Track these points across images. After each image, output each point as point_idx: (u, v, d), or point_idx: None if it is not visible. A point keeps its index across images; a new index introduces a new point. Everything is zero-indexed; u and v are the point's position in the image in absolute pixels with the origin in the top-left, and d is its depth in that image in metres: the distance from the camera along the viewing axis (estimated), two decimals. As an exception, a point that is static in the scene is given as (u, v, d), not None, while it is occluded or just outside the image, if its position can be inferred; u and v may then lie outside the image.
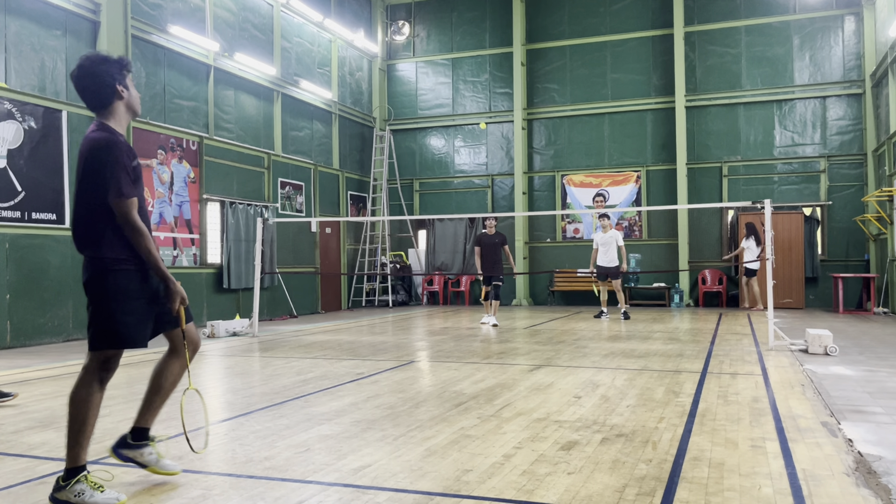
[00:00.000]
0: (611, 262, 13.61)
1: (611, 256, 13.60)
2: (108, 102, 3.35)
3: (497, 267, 12.52)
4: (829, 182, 16.52)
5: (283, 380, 6.75)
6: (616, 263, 13.61)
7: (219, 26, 14.00)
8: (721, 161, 17.30)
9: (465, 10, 19.55)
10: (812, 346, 8.25)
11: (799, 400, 5.50)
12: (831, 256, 16.47)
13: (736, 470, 3.67)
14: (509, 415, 5.05)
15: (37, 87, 10.42)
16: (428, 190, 19.88)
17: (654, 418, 4.89)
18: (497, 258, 12.54)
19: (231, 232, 13.95)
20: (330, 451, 4.14)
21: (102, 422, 4.98)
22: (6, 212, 9.80)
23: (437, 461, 3.88)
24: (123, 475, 3.69)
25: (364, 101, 19.51)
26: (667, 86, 17.69)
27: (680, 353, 8.36)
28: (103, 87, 3.33)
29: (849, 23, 16.41)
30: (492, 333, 11.13)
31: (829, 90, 16.54)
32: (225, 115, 14.16)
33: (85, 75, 3.32)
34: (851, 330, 11.07)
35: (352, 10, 18.89)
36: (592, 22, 18.46)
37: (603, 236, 13.70)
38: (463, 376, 6.82)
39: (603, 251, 13.64)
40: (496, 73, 19.27)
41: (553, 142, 18.87)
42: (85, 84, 3.33)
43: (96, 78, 3.32)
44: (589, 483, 3.47)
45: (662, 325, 12.31)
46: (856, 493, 3.31)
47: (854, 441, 4.24)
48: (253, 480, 3.60)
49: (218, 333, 11.01)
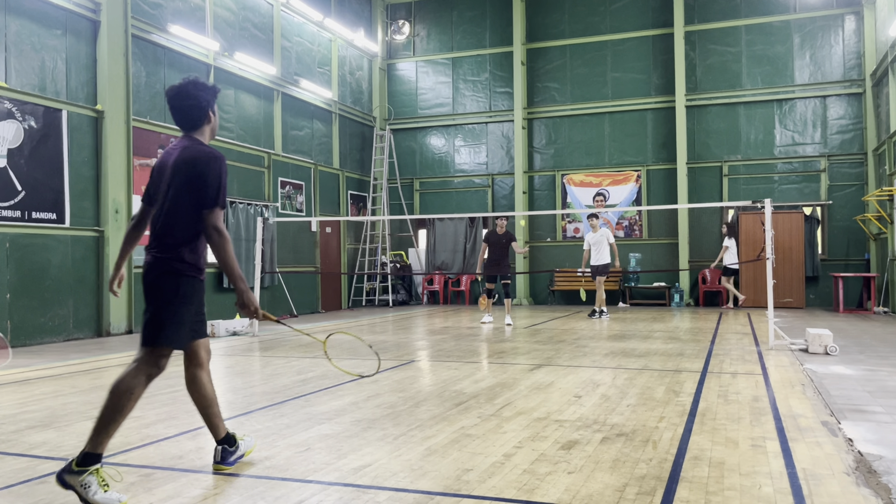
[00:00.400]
0: (603, 261, 13.63)
1: (603, 255, 13.60)
2: (199, 124, 3.63)
3: (504, 266, 12.64)
4: (830, 181, 16.52)
5: (283, 379, 6.75)
6: (608, 261, 13.64)
7: (219, 26, 13.99)
8: (721, 160, 17.30)
9: (466, 9, 19.55)
10: (812, 345, 8.25)
11: (799, 399, 5.50)
12: (831, 256, 16.47)
13: (736, 469, 3.67)
14: (510, 414, 5.05)
15: (37, 86, 10.42)
16: (428, 189, 19.88)
17: (654, 417, 4.89)
18: (504, 257, 12.64)
19: (231, 231, 13.95)
20: (330, 450, 4.14)
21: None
22: (6, 211, 9.80)
23: (437, 460, 3.88)
24: (124, 475, 3.68)
25: (364, 101, 19.51)
26: (667, 85, 17.69)
27: (680, 353, 8.36)
28: (199, 109, 3.60)
29: (849, 22, 16.40)
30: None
31: (829, 89, 16.54)
32: (225, 115, 14.15)
33: (185, 97, 3.57)
34: (852, 329, 11.06)
35: (352, 10, 18.89)
36: (593, 21, 18.45)
37: (594, 236, 13.69)
38: (463, 375, 6.82)
39: (595, 251, 13.63)
40: (496, 72, 19.27)
41: (553, 141, 18.86)
42: (182, 104, 3.58)
43: (194, 101, 3.58)
44: (589, 482, 3.47)
45: (663, 324, 12.31)
46: (856, 492, 3.31)
47: (854, 440, 4.24)
48: (253, 480, 3.60)
49: (218, 333, 11.01)
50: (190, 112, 3.59)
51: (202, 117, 3.62)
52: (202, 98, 3.60)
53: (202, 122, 3.63)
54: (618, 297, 17.71)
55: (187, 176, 3.43)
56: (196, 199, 3.42)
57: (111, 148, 11.22)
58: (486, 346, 9.34)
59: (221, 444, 3.76)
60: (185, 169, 3.45)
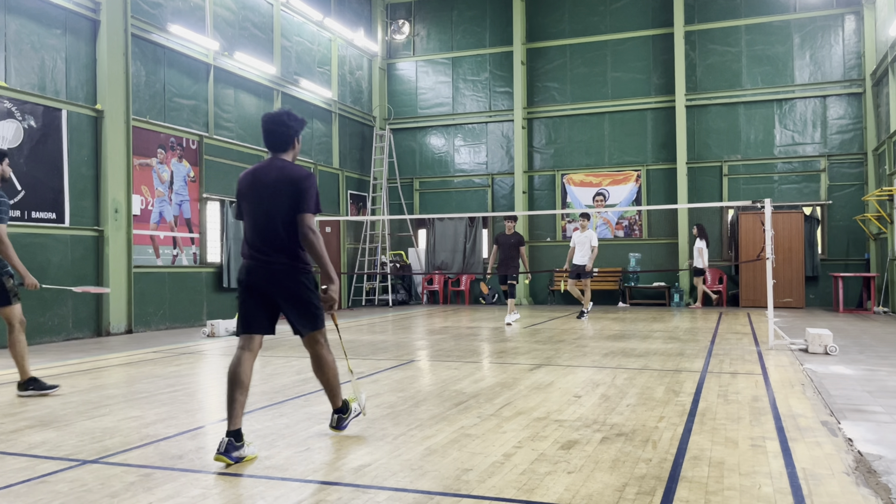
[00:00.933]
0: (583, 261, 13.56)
1: (584, 256, 13.53)
2: (286, 148, 4.28)
3: (512, 266, 12.77)
4: (830, 181, 16.52)
5: (282, 379, 6.75)
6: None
7: (219, 25, 13.99)
8: (721, 160, 17.30)
9: (465, 8, 19.54)
10: (812, 345, 8.25)
11: (799, 399, 5.50)
12: (831, 256, 16.47)
13: (736, 469, 3.67)
14: (509, 414, 5.05)
15: (36, 86, 10.41)
16: (428, 189, 19.87)
17: (654, 417, 4.89)
18: (513, 257, 12.77)
19: (231, 231, 13.95)
20: (330, 450, 4.14)
21: (102, 421, 4.98)
22: (6, 211, 9.79)
23: (437, 460, 3.88)
24: (124, 475, 3.69)
25: (364, 100, 19.51)
26: (667, 85, 17.69)
27: (680, 353, 8.36)
28: (289, 137, 4.26)
29: (849, 22, 16.40)
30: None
31: (829, 89, 16.54)
32: (225, 115, 14.16)
33: (279, 124, 4.23)
34: (851, 329, 11.07)
35: (352, 9, 18.88)
36: (593, 21, 18.45)
37: (580, 236, 13.62)
38: (463, 375, 6.82)
39: (578, 250, 13.59)
40: (496, 71, 19.27)
41: (553, 141, 18.86)
42: (276, 130, 4.23)
43: (287, 128, 4.24)
44: (589, 482, 3.47)
45: (662, 324, 12.31)
46: (856, 492, 3.30)
47: (854, 440, 4.24)
48: (253, 479, 3.60)
49: (218, 333, 11.01)
50: (281, 137, 4.23)
51: (290, 143, 4.27)
52: (293, 128, 4.25)
53: (289, 146, 4.28)
54: (617, 296, 17.71)
55: (291, 191, 4.09)
56: (298, 208, 4.09)
57: (111, 147, 11.22)
58: (486, 346, 9.34)
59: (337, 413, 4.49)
60: (289, 186, 4.10)
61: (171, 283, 12.62)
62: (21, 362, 5.96)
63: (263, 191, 4.14)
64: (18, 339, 5.97)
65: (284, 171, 4.16)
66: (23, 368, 5.97)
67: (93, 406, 5.52)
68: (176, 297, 12.71)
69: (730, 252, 17.06)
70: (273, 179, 4.13)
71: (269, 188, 4.12)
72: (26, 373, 5.97)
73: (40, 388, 5.97)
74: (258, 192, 4.15)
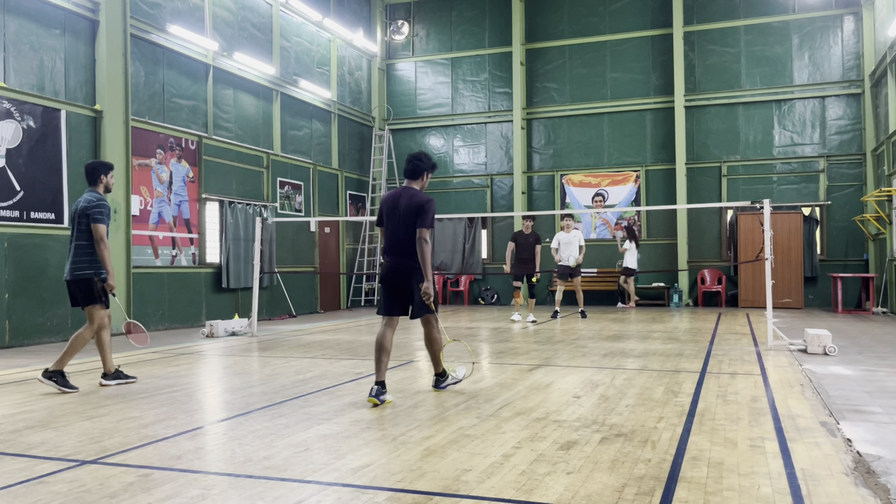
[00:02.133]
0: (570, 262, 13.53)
1: (571, 256, 13.49)
2: (417, 178, 5.90)
3: (531, 265, 13.04)
4: (828, 182, 16.53)
5: (282, 379, 6.75)
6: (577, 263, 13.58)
7: (218, 25, 13.99)
8: (720, 161, 17.30)
9: (465, 9, 19.55)
10: (811, 345, 8.25)
11: (798, 399, 5.51)
12: (830, 256, 16.48)
13: (735, 469, 3.67)
14: (508, 414, 5.05)
15: (36, 86, 10.41)
16: (427, 189, 19.76)
17: (653, 418, 4.89)
18: (531, 257, 13.06)
19: (230, 231, 13.95)
20: (329, 450, 4.14)
21: (102, 421, 4.98)
22: (5, 211, 9.79)
23: (436, 461, 3.88)
24: (123, 475, 3.69)
25: (363, 101, 19.51)
26: (666, 85, 17.69)
27: (679, 353, 8.36)
28: (421, 170, 5.89)
29: (848, 22, 16.41)
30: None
31: (828, 90, 16.55)
32: (224, 115, 14.15)
33: (419, 160, 5.87)
34: (850, 330, 11.07)
35: (351, 10, 18.88)
36: (592, 21, 18.46)
37: (566, 236, 13.57)
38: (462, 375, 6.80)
39: (564, 251, 13.54)
40: (495, 72, 19.27)
41: (552, 141, 18.87)
42: (417, 165, 5.86)
43: (423, 163, 5.88)
44: (588, 483, 3.47)
45: (661, 324, 12.31)
46: (854, 492, 3.31)
47: (853, 441, 4.24)
48: (252, 480, 3.60)
49: (217, 333, 11.00)
50: (417, 170, 5.86)
51: (420, 175, 5.89)
52: (425, 165, 5.89)
53: (419, 177, 5.89)
54: (616, 297, 17.70)
55: (417, 211, 5.60)
56: (418, 223, 5.55)
57: (110, 148, 11.21)
58: (486, 346, 9.34)
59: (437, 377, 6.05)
60: (417, 208, 5.61)
61: (170, 284, 12.62)
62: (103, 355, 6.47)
63: (398, 212, 5.67)
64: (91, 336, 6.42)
65: (414, 198, 5.67)
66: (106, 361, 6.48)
67: (92, 406, 5.52)
68: (175, 298, 12.71)
69: (729, 252, 17.06)
70: (405, 204, 5.65)
71: (402, 210, 5.64)
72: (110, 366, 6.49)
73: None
74: (396, 213, 5.67)
